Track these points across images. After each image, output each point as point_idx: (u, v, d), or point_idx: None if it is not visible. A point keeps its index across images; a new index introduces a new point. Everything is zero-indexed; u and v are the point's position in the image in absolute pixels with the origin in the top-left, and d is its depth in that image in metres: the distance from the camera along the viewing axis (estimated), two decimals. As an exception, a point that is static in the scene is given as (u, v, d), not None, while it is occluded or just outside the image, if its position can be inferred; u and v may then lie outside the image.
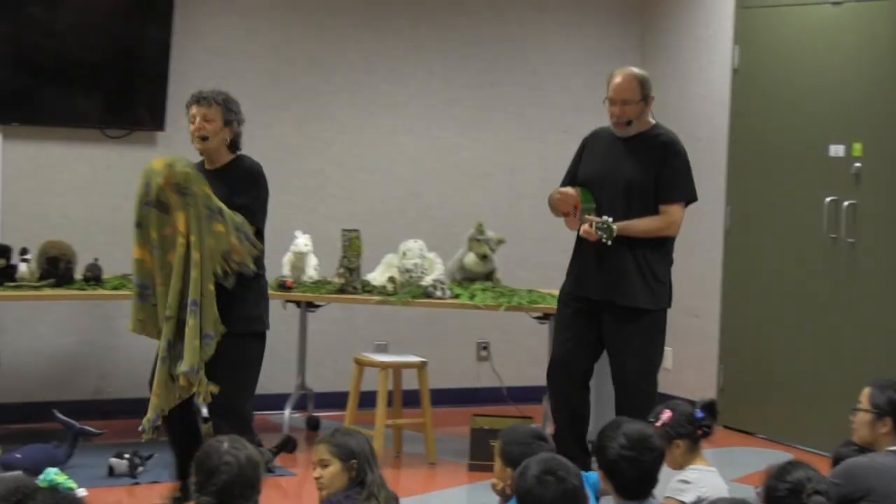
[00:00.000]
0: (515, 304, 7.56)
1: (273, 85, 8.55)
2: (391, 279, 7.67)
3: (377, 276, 7.74)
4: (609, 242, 6.19)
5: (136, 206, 5.74)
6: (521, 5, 9.17)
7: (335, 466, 4.60)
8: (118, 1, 8.12)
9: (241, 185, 5.92)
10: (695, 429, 4.96)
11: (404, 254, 7.71)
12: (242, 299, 5.85)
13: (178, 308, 5.70)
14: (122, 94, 8.22)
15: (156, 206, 5.68)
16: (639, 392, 6.26)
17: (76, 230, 7.77)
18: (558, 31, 9.28)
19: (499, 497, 4.72)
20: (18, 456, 6.63)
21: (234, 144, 6.04)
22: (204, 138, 5.95)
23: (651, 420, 4.85)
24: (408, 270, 7.64)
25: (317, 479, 4.64)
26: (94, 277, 7.40)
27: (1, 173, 7.90)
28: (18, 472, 6.28)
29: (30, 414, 7.75)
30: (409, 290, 7.58)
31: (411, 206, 8.67)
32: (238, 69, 8.42)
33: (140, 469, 6.84)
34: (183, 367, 5.72)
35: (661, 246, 6.37)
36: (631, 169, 6.34)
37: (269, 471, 6.81)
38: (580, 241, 6.47)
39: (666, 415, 4.94)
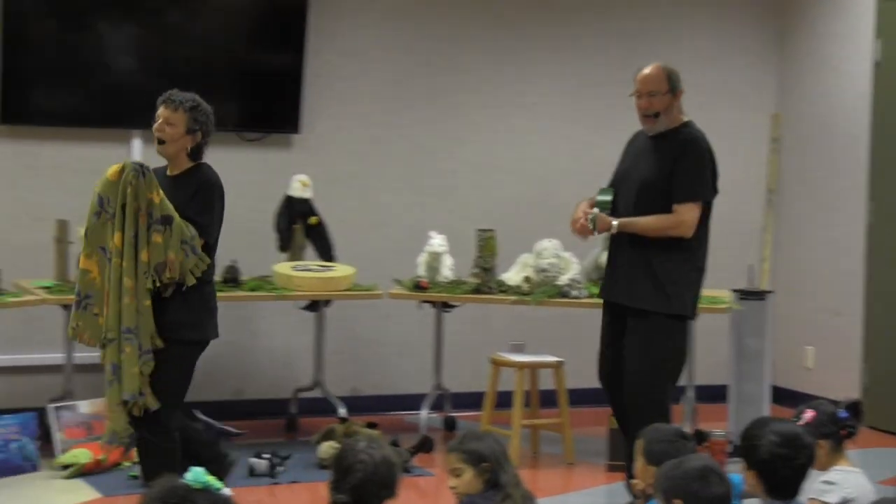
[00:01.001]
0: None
1: (406, 85, 8.57)
2: (527, 279, 7.65)
3: (512, 276, 7.72)
4: (595, 233, 6.18)
5: (88, 215, 5.63)
6: (654, 1, 9.09)
7: (468, 473, 4.57)
8: (254, 6, 8.20)
9: (198, 200, 5.74)
10: (838, 429, 4.85)
11: (539, 253, 7.67)
12: (175, 307, 5.65)
13: (118, 331, 5.55)
14: (258, 98, 8.29)
15: (111, 218, 5.55)
16: (640, 397, 6.06)
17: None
18: (692, 26, 9.18)
19: (638, 497, 4.67)
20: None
21: (195, 153, 5.86)
22: (161, 142, 5.84)
23: (794, 420, 4.76)
24: (543, 270, 7.61)
25: (452, 488, 4.62)
26: (232, 279, 7.48)
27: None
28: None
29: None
30: (544, 289, 7.55)
31: (546, 206, 8.61)
32: (371, 70, 8.46)
33: (279, 469, 6.88)
34: (124, 395, 5.59)
35: (678, 248, 6.12)
36: (646, 168, 6.19)
37: (407, 471, 6.83)
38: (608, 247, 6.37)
39: (809, 414, 4.84)
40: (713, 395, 8.12)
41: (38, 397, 7.29)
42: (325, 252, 7.86)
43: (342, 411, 7.71)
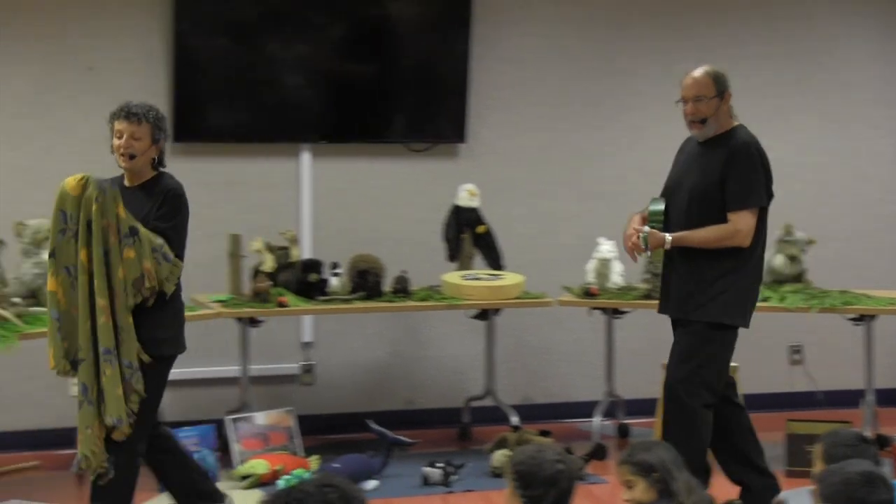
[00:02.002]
0: (828, 305, 7.35)
1: (570, 91, 8.54)
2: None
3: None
4: (649, 254, 6.03)
5: (52, 234, 5.55)
6: (816, 2, 8.94)
7: (640, 485, 4.53)
8: (418, 17, 8.24)
9: (163, 210, 5.70)
10: None
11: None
12: (152, 322, 5.59)
13: (89, 350, 5.45)
14: (424, 108, 8.34)
15: (74, 234, 5.48)
16: (675, 402, 5.94)
17: (384, 243, 7.91)
18: (863, 24, 8.99)
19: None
20: (337, 465, 6.79)
21: (158, 161, 5.79)
22: (132, 157, 5.70)
23: None
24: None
25: (626, 500, 4.58)
26: (402, 289, 7.53)
27: (311, 190, 8.11)
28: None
29: (344, 425, 7.93)
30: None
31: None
32: (535, 77, 8.45)
33: (453, 478, 6.91)
34: (109, 420, 5.46)
35: (729, 256, 5.93)
36: (695, 176, 6.02)
37: (581, 479, 6.79)
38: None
39: None
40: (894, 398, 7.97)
41: (215, 409, 7.42)
42: (494, 260, 7.87)
43: (514, 420, 7.71)
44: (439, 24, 8.26)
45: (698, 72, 6.15)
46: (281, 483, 6.53)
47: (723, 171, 5.94)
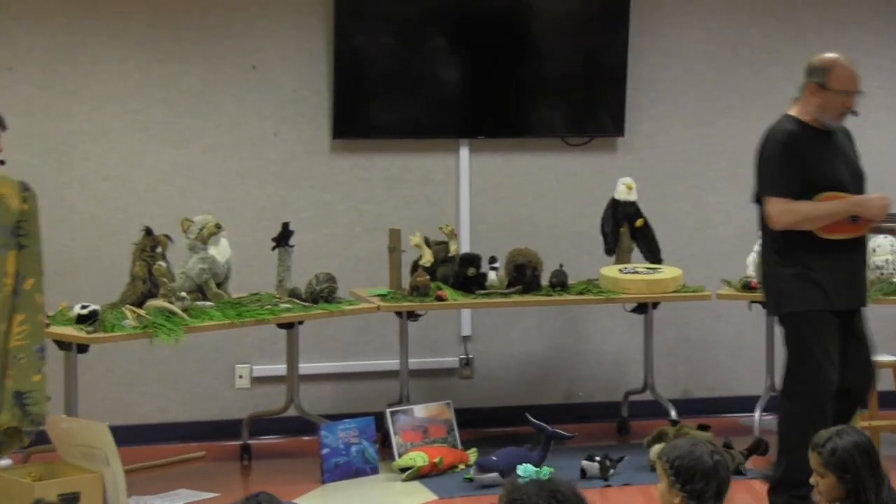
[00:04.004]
0: None
1: (729, 83, 8.48)
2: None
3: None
4: None
5: None
6: None
7: (829, 479, 4.44)
8: (577, 11, 8.26)
9: None
10: None
11: (874, 250, 7.48)
12: None
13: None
14: (583, 103, 8.36)
15: None
16: (781, 405, 6.03)
17: (541, 237, 7.96)
18: None
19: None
20: (494, 458, 6.84)
21: None
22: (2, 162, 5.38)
23: None
24: (878, 267, 7.41)
25: (814, 485, 4.52)
26: (559, 283, 7.55)
27: (469, 185, 8.18)
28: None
29: (504, 418, 7.97)
30: (880, 287, 7.34)
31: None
32: (694, 70, 8.42)
33: (612, 472, 6.91)
34: (38, 421, 5.30)
35: (776, 243, 6.04)
36: (857, 165, 6.14)
37: (741, 473, 6.76)
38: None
39: None
40: None
41: (375, 402, 7.54)
42: (652, 254, 7.85)
43: (673, 413, 7.68)
44: (598, 18, 8.27)
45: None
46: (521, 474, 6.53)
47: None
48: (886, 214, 6.01)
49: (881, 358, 7.30)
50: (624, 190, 7.85)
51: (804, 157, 6.02)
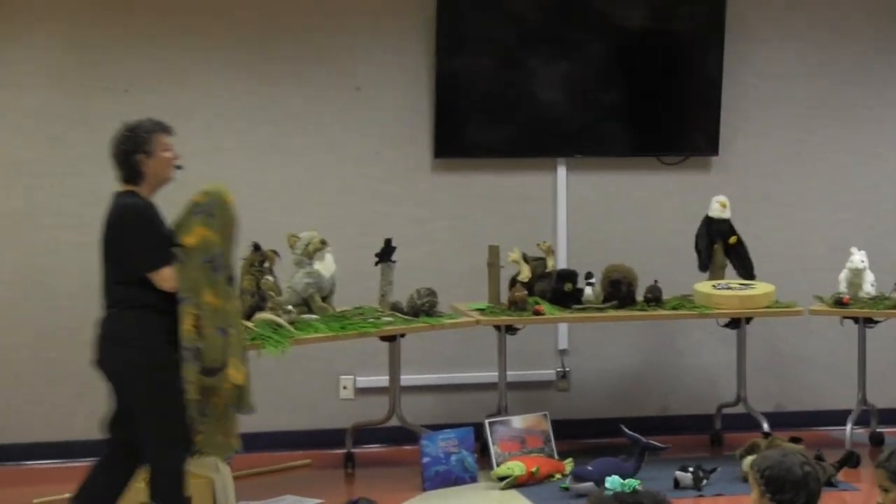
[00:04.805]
0: None
1: (822, 103, 8.59)
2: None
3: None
4: None
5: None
6: None
7: (893, 489, 4.50)
8: (673, 33, 8.39)
9: None
10: None
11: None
12: None
13: None
14: (677, 123, 8.49)
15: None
16: None
17: (637, 253, 8.07)
18: None
19: None
20: (590, 468, 7.00)
21: None
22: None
23: None
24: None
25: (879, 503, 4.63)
26: (654, 298, 7.69)
27: (566, 203, 8.35)
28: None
29: (599, 430, 8.11)
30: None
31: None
32: (787, 90, 8.53)
33: (705, 482, 7.04)
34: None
35: None
36: None
37: (832, 485, 6.85)
38: None
39: None
40: None
41: (474, 413, 7.71)
42: (746, 270, 7.96)
43: (765, 426, 7.79)
44: (693, 39, 8.39)
45: None
46: (608, 486, 6.72)
47: None
48: None
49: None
50: (718, 208, 7.97)
51: None
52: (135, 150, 5.61)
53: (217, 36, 7.89)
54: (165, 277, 5.54)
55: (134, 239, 5.58)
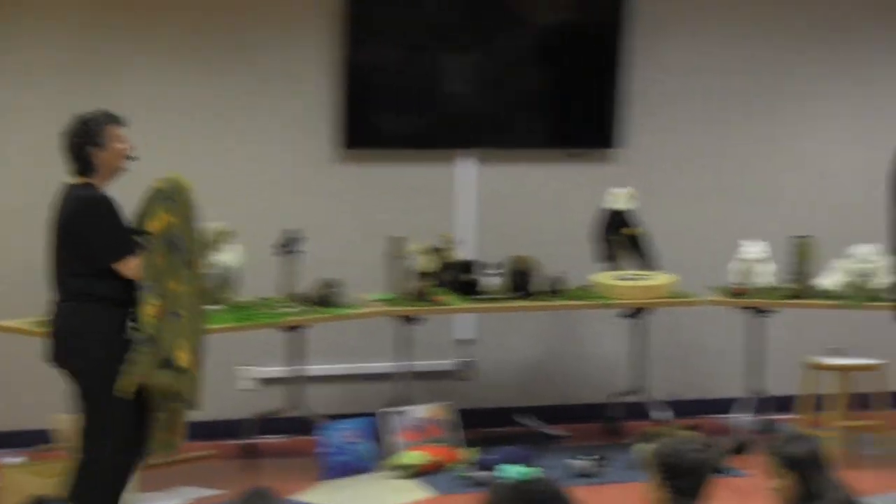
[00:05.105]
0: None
1: (723, 96, 8.73)
2: (843, 284, 7.71)
3: (829, 281, 7.79)
4: None
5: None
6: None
7: (784, 476, 4.66)
8: (576, 27, 8.49)
9: None
10: None
11: (856, 258, 7.73)
12: None
13: None
14: (584, 116, 8.57)
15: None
16: None
17: (542, 245, 8.12)
18: None
19: None
20: (491, 457, 7.09)
21: None
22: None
23: None
24: (863, 274, 7.65)
25: (773, 489, 4.73)
26: (557, 289, 7.77)
27: (474, 194, 8.43)
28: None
29: (503, 419, 8.25)
30: (861, 293, 7.60)
31: (864, 211, 8.63)
32: (687, 84, 8.66)
33: (600, 470, 7.16)
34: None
35: None
36: None
37: (722, 471, 6.98)
38: None
39: None
40: None
41: (377, 403, 7.73)
42: (646, 261, 8.08)
43: (662, 415, 7.91)
44: (600, 33, 8.48)
45: None
46: (505, 474, 6.80)
47: None
48: None
49: (866, 361, 7.59)
50: (620, 199, 8.06)
51: None
52: (87, 142, 5.60)
53: (121, 27, 7.85)
54: (131, 267, 5.53)
55: (96, 230, 5.55)
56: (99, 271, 5.51)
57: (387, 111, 8.29)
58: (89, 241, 5.54)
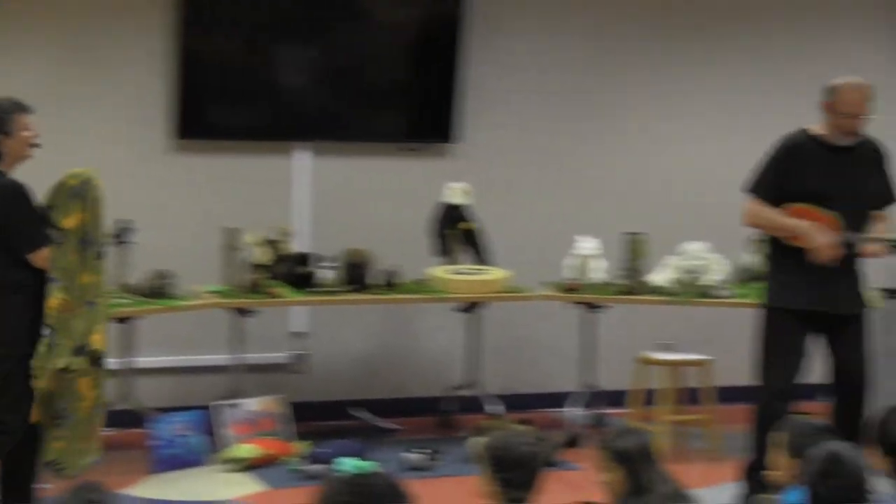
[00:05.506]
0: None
1: (559, 94, 8.81)
2: (674, 280, 7.84)
3: (660, 278, 7.92)
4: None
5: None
6: (799, 14, 9.24)
7: (614, 469, 4.70)
8: (413, 21, 8.49)
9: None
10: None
11: (687, 255, 7.87)
12: None
13: None
14: (420, 110, 8.60)
15: None
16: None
17: (378, 239, 8.09)
18: (851, 35, 9.32)
19: (771, 488, 4.84)
20: (325, 450, 7.08)
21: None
22: None
23: None
24: (691, 271, 7.80)
25: (602, 482, 4.77)
26: (391, 283, 7.78)
27: (309, 187, 8.39)
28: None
29: (337, 412, 8.24)
30: (693, 289, 7.75)
31: (693, 209, 8.80)
32: (525, 80, 8.72)
33: (434, 463, 7.19)
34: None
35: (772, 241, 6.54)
36: (868, 180, 6.44)
37: (554, 464, 7.05)
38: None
39: None
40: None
41: (210, 396, 7.67)
42: (481, 256, 8.12)
43: (495, 408, 7.97)
44: (436, 27, 8.50)
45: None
46: (342, 468, 6.77)
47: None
48: (832, 260, 6.26)
49: (693, 357, 7.74)
50: (455, 194, 8.09)
51: (795, 168, 6.38)
52: None
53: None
54: (44, 257, 5.63)
55: (15, 218, 5.62)
56: (15, 260, 5.60)
57: (223, 102, 8.23)
58: (7, 229, 5.61)
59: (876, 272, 7.45)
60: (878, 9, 9.43)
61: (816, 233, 6.24)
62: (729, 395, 8.02)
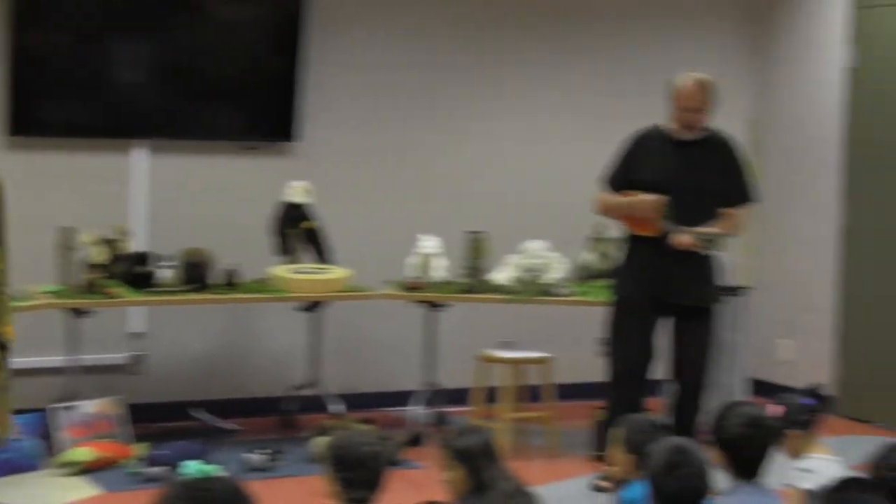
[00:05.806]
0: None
1: (400, 93, 8.82)
2: (514, 279, 7.91)
3: (501, 276, 7.98)
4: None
5: None
6: (634, 10, 9.38)
7: (456, 468, 4.71)
8: (253, 19, 8.44)
9: None
10: (806, 416, 5.12)
11: (527, 254, 7.94)
12: None
13: None
14: (258, 109, 8.53)
15: None
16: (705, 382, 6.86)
17: (218, 238, 8.03)
18: (669, 34, 9.47)
19: (611, 483, 4.92)
20: (164, 452, 6.97)
21: None
22: None
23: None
24: (531, 270, 7.87)
25: (444, 481, 4.77)
26: (231, 282, 7.72)
27: (147, 185, 8.27)
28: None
29: (177, 413, 8.14)
30: (533, 288, 7.81)
31: (533, 208, 8.89)
32: (366, 79, 8.71)
33: (275, 464, 7.14)
34: None
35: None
36: (710, 173, 6.71)
37: (397, 463, 7.07)
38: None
39: (776, 409, 5.10)
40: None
41: (42, 398, 7.51)
42: (323, 255, 8.10)
43: (337, 408, 7.96)
44: (274, 25, 8.45)
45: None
46: (184, 471, 6.68)
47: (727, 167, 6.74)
48: (657, 212, 6.56)
49: (533, 355, 7.82)
50: (296, 193, 8.05)
51: (638, 159, 6.71)
52: None
53: None
54: None
55: None
56: None
57: (56, 98, 8.06)
58: None
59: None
60: (724, 8, 9.63)
61: (640, 201, 6.58)
62: (569, 392, 8.15)
